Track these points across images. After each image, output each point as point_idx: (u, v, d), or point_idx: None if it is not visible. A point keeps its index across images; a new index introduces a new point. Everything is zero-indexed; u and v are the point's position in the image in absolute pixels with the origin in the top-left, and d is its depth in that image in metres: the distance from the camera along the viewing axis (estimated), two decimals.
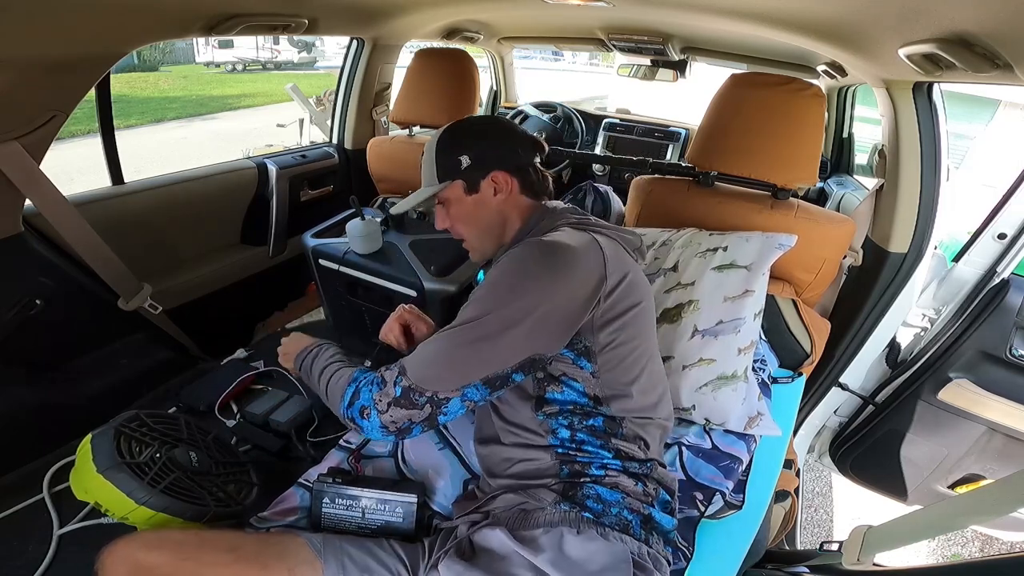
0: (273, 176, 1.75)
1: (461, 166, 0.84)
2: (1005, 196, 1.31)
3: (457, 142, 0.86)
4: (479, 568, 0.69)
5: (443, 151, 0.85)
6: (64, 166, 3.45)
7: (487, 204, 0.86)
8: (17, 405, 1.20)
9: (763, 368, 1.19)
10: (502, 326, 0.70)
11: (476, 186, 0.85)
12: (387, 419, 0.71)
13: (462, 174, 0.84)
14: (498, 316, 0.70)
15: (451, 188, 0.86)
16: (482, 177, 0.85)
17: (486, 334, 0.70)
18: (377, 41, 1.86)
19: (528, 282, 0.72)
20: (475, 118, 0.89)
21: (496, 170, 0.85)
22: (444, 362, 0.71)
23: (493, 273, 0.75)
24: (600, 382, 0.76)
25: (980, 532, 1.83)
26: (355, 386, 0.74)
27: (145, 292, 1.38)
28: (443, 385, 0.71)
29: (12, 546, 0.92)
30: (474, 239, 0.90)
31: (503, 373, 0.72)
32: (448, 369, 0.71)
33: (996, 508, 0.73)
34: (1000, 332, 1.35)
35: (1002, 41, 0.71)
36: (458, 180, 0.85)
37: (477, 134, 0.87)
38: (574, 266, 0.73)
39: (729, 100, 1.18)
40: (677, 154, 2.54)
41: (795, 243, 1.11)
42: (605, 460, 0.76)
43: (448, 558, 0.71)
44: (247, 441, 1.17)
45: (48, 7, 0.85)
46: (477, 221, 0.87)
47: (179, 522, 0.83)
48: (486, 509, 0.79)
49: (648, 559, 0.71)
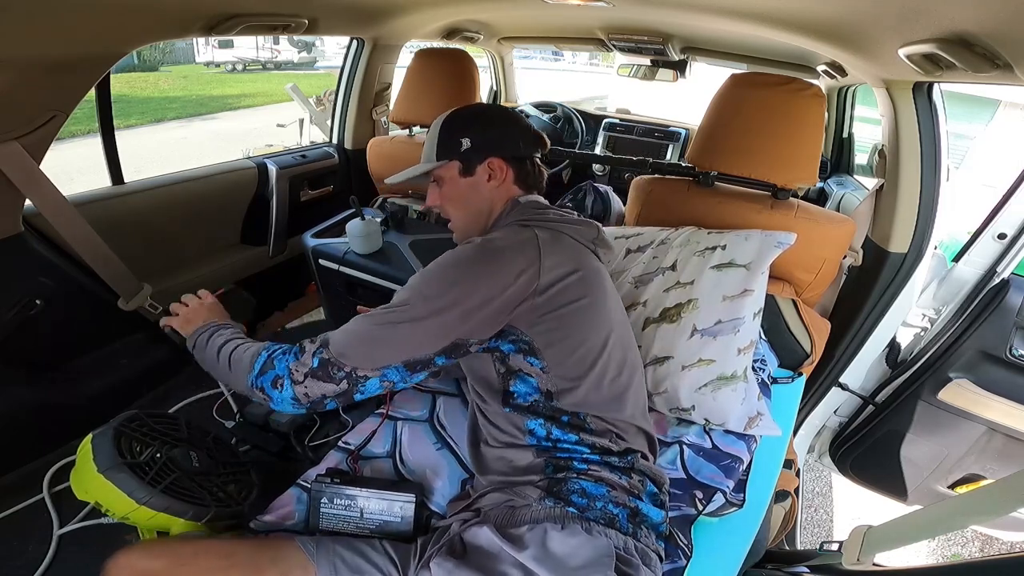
0: (273, 176, 1.75)
1: (461, 147, 0.86)
2: (1005, 196, 1.31)
3: (462, 124, 0.87)
4: (469, 566, 0.69)
5: (446, 130, 0.87)
6: (64, 166, 3.45)
7: (479, 189, 0.87)
8: (17, 405, 1.20)
9: (763, 368, 1.19)
10: (427, 312, 0.72)
11: (472, 169, 0.87)
12: (300, 391, 0.72)
13: (460, 155, 0.86)
14: (425, 303, 0.72)
15: (447, 167, 0.87)
16: (479, 161, 0.86)
17: (412, 317, 0.72)
18: (377, 41, 1.86)
19: (457, 274, 0.74)
20: (484, 104, 0.90)
21: (493, 156, 0.86)
22: (368, 340, 0.73)
23: (430, 264, 0.77)
24: (549, 377, 0.78)
25: (980, 532, 1.83)
26: (267, 355, 0.74)
27: (145, 292, 1.38)
28: (363, 363, 0.72)
29: (12, 546, 0.92)
30: (460, 221, 0.91)
31: (424, 358, 0.74)
32: (371, 347, 0.73)
33: (996, 508, 0.73)
34: (1000, 332, 1.35)
35: (1002, 41, 0.71)
36: (455, 160, 0.87)
37: (483, 119, 0.89)
38: (503, 262, 0.75)
39: (729, 100, 1.18)
40: (677, 154, 2.54)
41: (794, 241, 1.11)
42: (584, 455, 0.77)
43: (439, 556, 0.72)
44: (247, 441, 1.17)
45: (48, 7, 0.85)
46: (467, 204, 0.89)
47: (179, 522, 0.83)
48: (476, 507, 0.80)
49: (635, 553, 0.71)
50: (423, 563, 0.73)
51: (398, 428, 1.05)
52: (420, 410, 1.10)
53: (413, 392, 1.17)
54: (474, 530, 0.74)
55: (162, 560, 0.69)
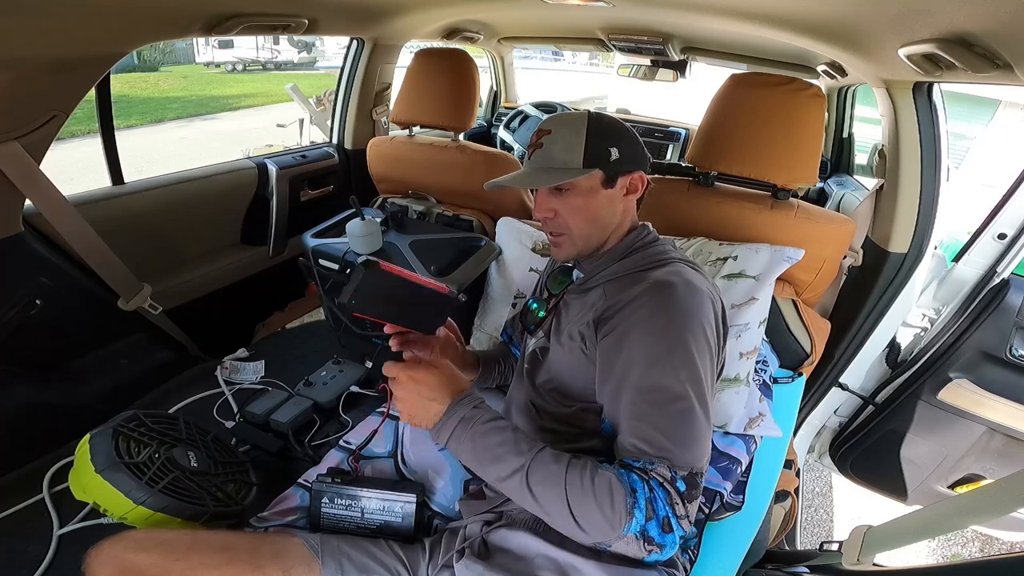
0: (273, 176, 1.75)
1: (610, 157, 0.79)
2: (1005, 196, 1.31)
3: (607, 131, 0.80)
4: (499, 569, 0.69)
5: (596, 136, 0.79)
6: (64, 166, 3.45)
7: (614, 202, 0.81)
8: (17, 405, 1.20)
9: (764, 369, 1.19)
10: (700, 390, 0.67)
11: (614, 182, 0.80)
12: (686, 524, 0.63)
13: (608, 165, 0.79)
14: (695, 384, 0.67)
15: (590, 177, 0.79)
16: (623, 174, 0.81)
17: (698, 395, 0.67)
18: (377, 41, 1.86)
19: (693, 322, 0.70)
20: (608, 116, 0.86)
21: (640, 170, 0.82)
22: (701, 432, 0.66)
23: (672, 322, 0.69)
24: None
25: (980, 532, 1.83)
26: (642, 495, 0.61)
27: (145, 292, 1.38)
28: (706, 451, 0.66)
29: (12, 546, 0.92)
30: (581, 232, 0.81)
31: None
32: (705, 437, 0.66)
33: (996, 508, 0.73)
34: (1000, 332, 1.35)
35: (1002, 41, 0.71)
36: (600, 171, 0.79)
37: (623, 130, 0.82)
38: (706, 300, 0.73)
39: (729, 100, 1.18)
40: (677, 154, 2.54)
41: (802, 257, 1.13)
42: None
43: (466, 558, 0.71)
44: (247, 441, 1.17)
45: (48, 7, 0.85)
46: (597, 217, 0.81)
47: (177, 522, 0.83)
48: (499, 510, 0.78)
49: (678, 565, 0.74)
50: (442, 564, 0.73)
51: (400, 428, 1.05)
52: None
53: None
54: (503, 533, 0.74)
55: (153, 554, 0.65)
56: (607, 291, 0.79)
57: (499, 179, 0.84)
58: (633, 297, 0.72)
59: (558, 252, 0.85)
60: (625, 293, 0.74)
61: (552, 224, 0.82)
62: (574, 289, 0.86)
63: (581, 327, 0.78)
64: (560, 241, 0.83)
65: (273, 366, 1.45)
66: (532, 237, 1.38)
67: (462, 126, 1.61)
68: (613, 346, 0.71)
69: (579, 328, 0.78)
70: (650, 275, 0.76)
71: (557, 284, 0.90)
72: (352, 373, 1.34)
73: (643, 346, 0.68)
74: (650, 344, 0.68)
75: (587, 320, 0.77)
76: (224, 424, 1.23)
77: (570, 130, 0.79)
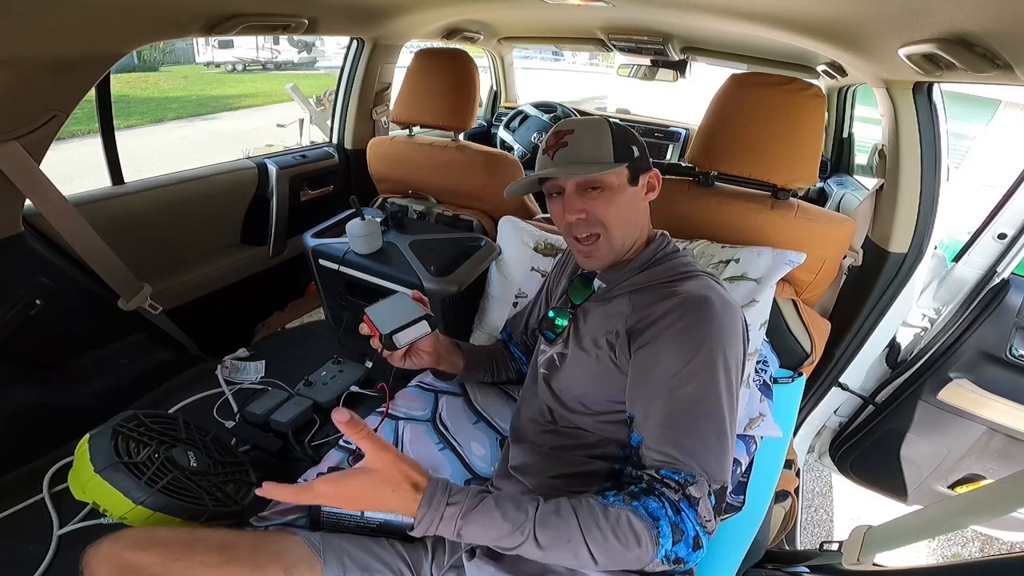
0: (273, 176, 1.75)
1: (634, 154, 0.80)
2: (1005, 196, 1.31)
3: (625, 132, 0.82)
4: (510, 569, 0.69)
5: (617, 135, 0.80)
6: (64, 166, 3.44)
7: (638, 200, 0.83)
8: (17, 405, 1.20)
9: (764, 369, 1.19)
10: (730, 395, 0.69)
11: (637, 179, 0.82)
12: (711, 532, 0.65)
13: (634, 161, 0.80)
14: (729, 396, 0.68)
15: (619, 173, 0.79)
16: (643, 171, 0.83)
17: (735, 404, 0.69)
18: (377, 41, 1.86)
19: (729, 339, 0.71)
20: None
21: (653, 169, 0.85)
22: (730, 446, 0.67)
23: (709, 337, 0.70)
24: None
25: (980, 532, 1.83)
26: (665, 521, 0.61)
27: (145, 292, 1.38)
28: (730, 465, 0.68)
29: (12, 546, 0.92)
30: (616, 231, 0.81)
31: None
32: (731, 451, 0.68)
33: (996, 508, 0.73)
34: (1000, 332, 1.35)
35: (1002, 41, 0.71)
36: (626, 167, 0.80)
37: (635, 133, 0.85)
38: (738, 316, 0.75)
39: (729, 100, 1.18)
40: (677, 154, 2.54)
41: (804, 260, 1.14)
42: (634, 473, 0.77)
43: (478, 558, 0.71)
44: (247, 441, 1.17)
45: (48, 7, 0.85)
46: (625, 214, 0.81)
47: (176, 522, 0.83)
48: None
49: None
50: (451, 564, 0.73)
51: (399, 428, 1.05)
52: (422, 410, 1.10)
53: (415, 391, 1.17)
54: None
55: (152, 553, 0.64)
56: (634, 302, 0.79)
57: (533, 175, 0.82)
58: (668, 310, 0.73)
59: (592, 261, 0.83)
60: (658, 306, 0.75)
61: (583, 226, 0.80)
62: (595, 298, 0.87)
63: (609, 336, 0.78)
64: (593, 248, 0.81)
65: (273, 366, 1.44)
66: (534, 236, 1.38)
67: (462, 126, 1.61)
68: (648, 358, 0.72)
69: (606, 337, 0.79)
70: (680, 287, 0.77)
71: (578, 294, 0.90)
72: (352, 373, 1.34)
73: (680, 359, 0.69)
74: (686, 357, 0.69)
75: (616, 329, 0.78)
76: (224, 424, 1.23)
77: (595, 129, 0.80)
